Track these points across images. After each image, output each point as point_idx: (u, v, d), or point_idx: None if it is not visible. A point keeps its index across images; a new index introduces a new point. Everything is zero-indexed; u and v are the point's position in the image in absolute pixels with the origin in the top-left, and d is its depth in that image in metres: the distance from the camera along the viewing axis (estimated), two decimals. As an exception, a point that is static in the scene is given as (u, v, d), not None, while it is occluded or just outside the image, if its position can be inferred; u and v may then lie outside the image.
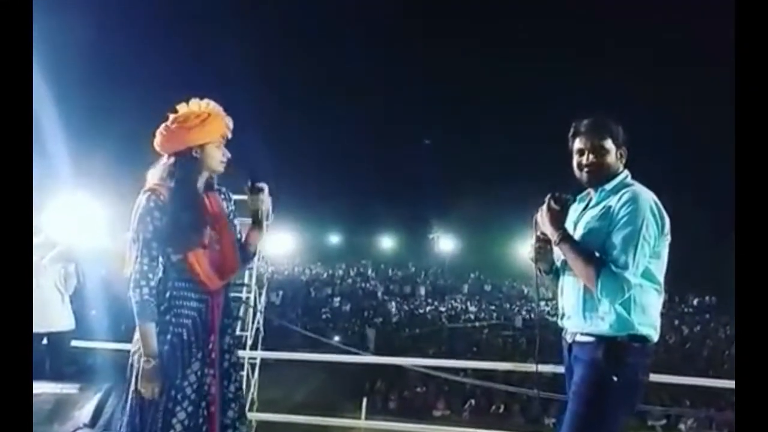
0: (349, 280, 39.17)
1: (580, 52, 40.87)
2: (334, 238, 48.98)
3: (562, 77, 40.25)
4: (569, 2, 41.17)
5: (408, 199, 42.42)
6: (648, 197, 2.66)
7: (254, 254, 3.19)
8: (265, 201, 2.97)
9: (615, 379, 2.61)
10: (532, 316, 28.23)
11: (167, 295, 2.70)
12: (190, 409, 2.66)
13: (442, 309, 33.14)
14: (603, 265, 2.59)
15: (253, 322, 11.37)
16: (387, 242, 48.03)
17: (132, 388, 2.68)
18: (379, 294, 35.60)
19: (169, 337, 2.67)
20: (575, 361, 2.75)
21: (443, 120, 46.84)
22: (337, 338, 22.60)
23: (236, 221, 3.01)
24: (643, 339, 2.66)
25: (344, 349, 18.47)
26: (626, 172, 2.80)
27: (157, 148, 2.80)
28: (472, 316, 31.41)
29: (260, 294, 11.70)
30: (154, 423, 2.63)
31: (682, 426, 15.89)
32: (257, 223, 3.01)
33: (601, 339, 2.66)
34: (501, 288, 38.71)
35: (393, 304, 33.16)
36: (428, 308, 33.52)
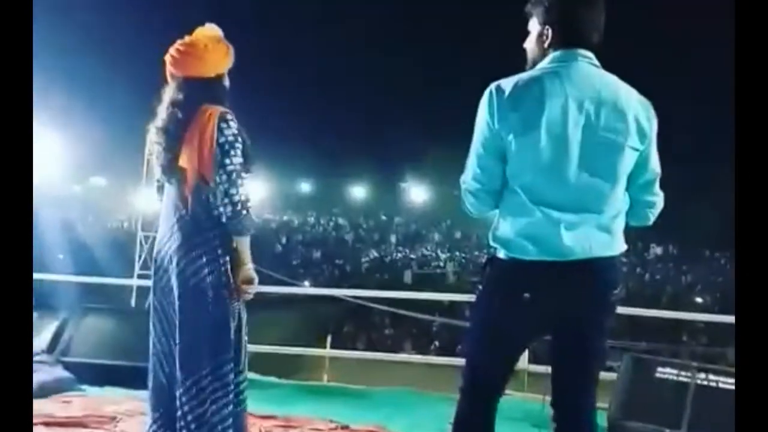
0: (320, 228, 39.21)
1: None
2: (306, 187, 48.67)
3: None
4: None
5: (380, 148, 42.23)
6: (490, 87, 2.04)
7: None
8: None
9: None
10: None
11: None
12: None
13: (413, 256, 33.42)
14: None
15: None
16: (358, 191, 47.89)
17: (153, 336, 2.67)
18: (350, 241, 35.73)
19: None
20: None
21: (422, 63, 46.36)
22: (307, 283, 22.79)
23: None
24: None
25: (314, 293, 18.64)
26: (544, 61, 2.09)
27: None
28: (442, 264, 31.73)
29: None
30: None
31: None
32: None
33: None
34: (470, 237, 39.05)
35: (363, 251, 33.32)
36: (398, 255, 33.77)
